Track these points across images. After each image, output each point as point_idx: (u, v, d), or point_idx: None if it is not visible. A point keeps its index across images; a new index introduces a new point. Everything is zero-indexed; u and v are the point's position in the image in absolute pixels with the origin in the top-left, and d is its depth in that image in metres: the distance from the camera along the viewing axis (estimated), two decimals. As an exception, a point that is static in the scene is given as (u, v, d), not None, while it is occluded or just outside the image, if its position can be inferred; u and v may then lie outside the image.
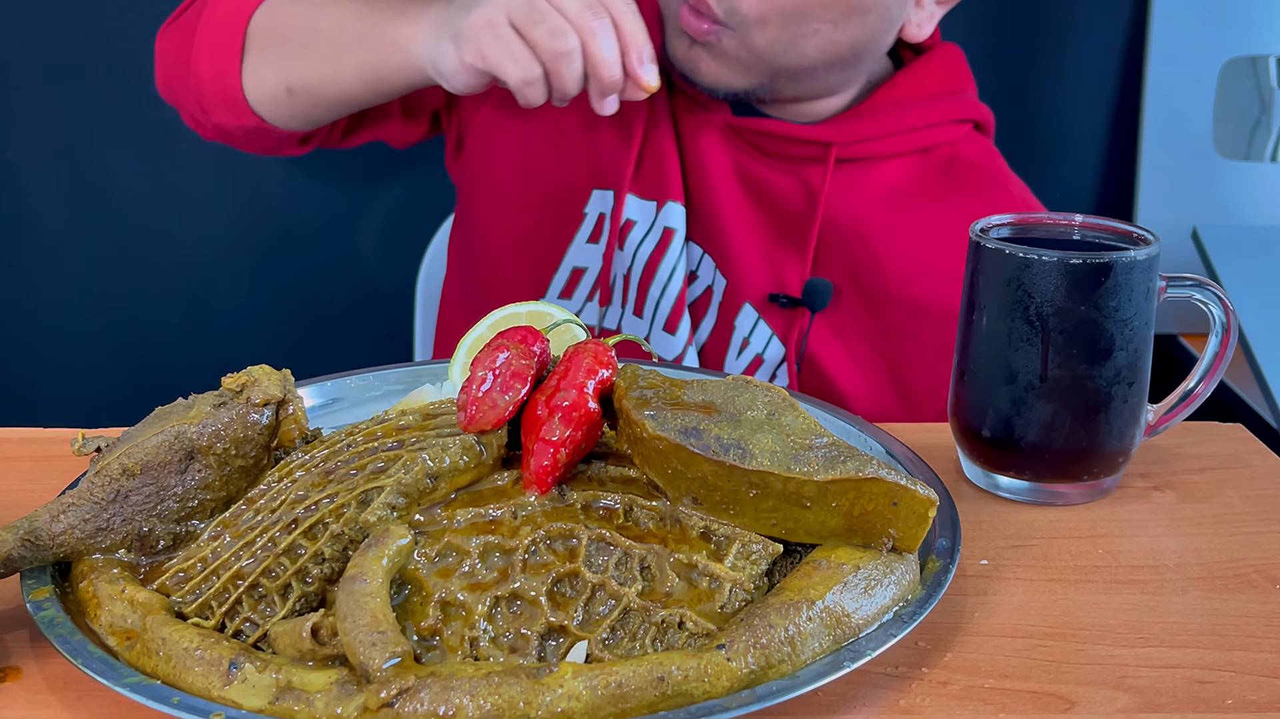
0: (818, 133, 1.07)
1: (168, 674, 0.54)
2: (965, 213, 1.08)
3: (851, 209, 1.08)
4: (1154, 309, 0.73)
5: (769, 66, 1.02)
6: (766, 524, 0.58)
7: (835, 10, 0.98)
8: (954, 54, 1.13)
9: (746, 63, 1.02)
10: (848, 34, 1.01)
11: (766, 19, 0.98)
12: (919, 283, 1.07)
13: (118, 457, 0.61)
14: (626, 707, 0.51)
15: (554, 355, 0.65)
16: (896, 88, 1.09)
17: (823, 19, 0.99)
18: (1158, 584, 0.66)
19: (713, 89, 1.05)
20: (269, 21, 1.07)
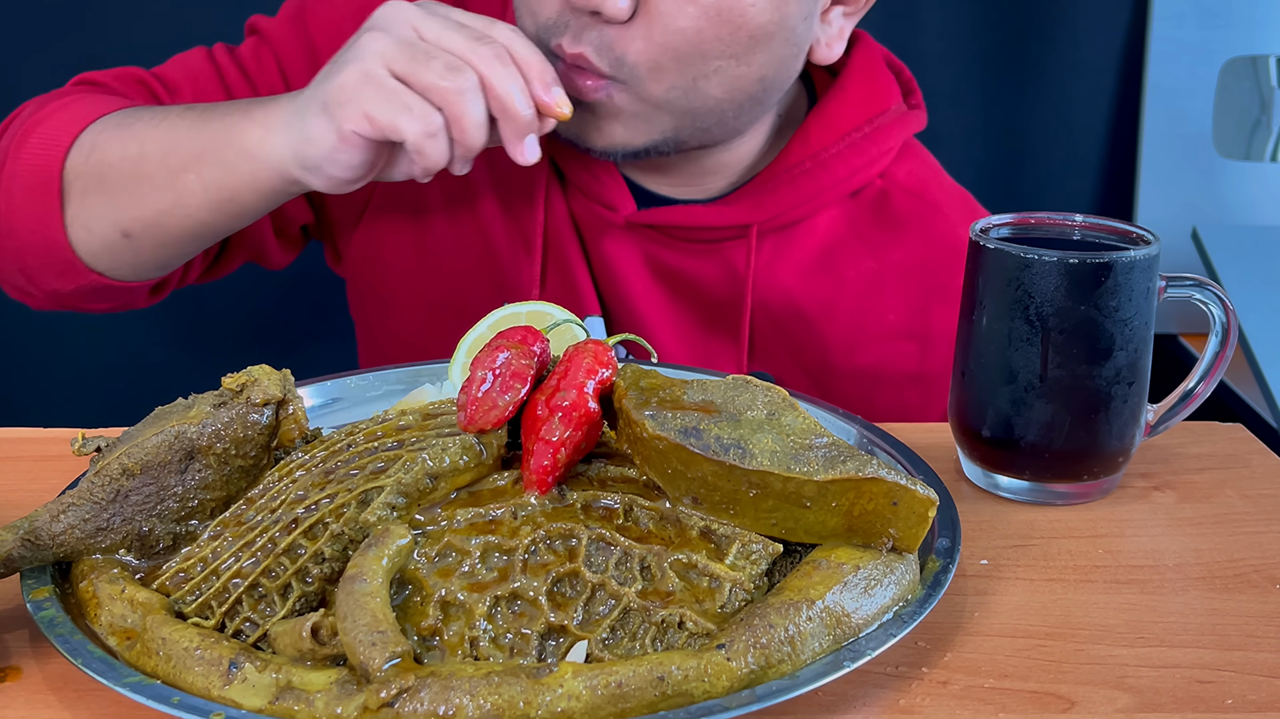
0: (734, 215, 0.97)
1: (168, 674, 0.54)
2: (905, 258, 1.02)
3: (781, 284, 1.00)
4: (1154, 309, 0.73)
5: (670, 116, 0.90)
6: (766, 524, 0.58)
7: (735, 43, 0.87)
8: (868, 61, 1.02)
9: (644, 116, 0.90)
10: (752, 67, 0.89)
11: (660, 65, 0.86)
12: (865, 350, 1.01)
13: (118, 456, 0.61)
14: (626, 706, 0.51)
15: (554, 355, 0.65)
16: (811, 138, 0.99)
17: (723, 55, 0.87)
18: (1158, 584, 0.66)
19: (609, 152, 0.92)
20: (88, 158, 0.90)
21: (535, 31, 0.89)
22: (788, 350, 1.02)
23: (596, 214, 0.99)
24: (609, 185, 0.98)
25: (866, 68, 1.01)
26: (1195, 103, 1.73)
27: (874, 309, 1.02)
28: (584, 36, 0.86)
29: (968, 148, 1.73)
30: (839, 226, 1.01)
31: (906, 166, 1.04)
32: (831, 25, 0.96)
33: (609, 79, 0.87)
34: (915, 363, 1.03)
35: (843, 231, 1.02)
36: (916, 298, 1.02)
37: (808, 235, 1.01)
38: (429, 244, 1.04)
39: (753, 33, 0.87)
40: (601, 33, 0.86)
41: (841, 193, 1.00)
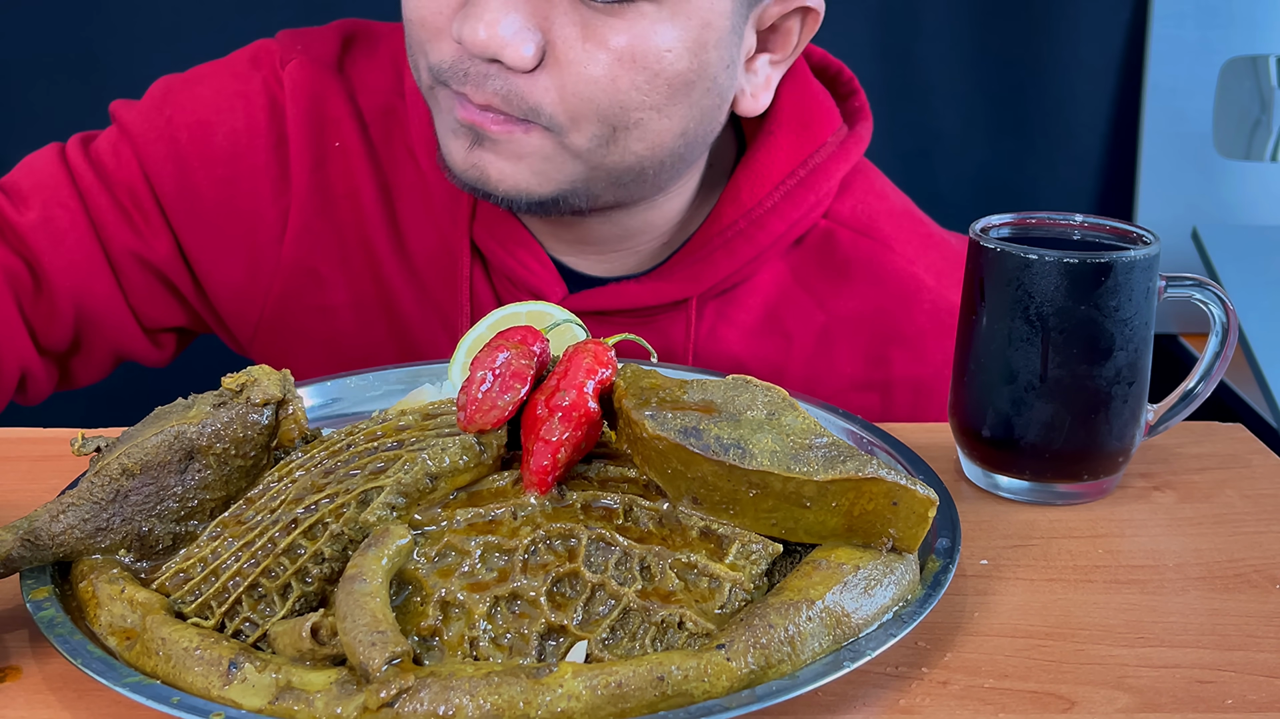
0: (669, 291, 0.92)
1: (167, 674, 0.53)
2: (856, 307, 0.97)
3: (726, 350, 0.95)
4: (1154, 309, 0.73)
5: (585, 167, 0.83)
6: (766, 524, 0.58)
7: (654, 92, 0.81)
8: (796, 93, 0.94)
9: (556, 162, 0.83)
10: (673, 120, 0.83)
11: (579, 115, 0.80)
12: None
13: (117, 456, 0.61)
14: (626, 706, 0.51)
15: (554, 355, 0.65)
16: (742, 194, 0.92)
17: (642, 105, 0.81)
18: (1158, 584, 0.66)
19: (511, 198, 0.84)
20: None
21: (430, 71, 0.83)
22: None
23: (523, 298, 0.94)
24: (536, 271, 0.93)
25: (795, 102, 0.94)
26: (1195, 103, 1.73)
27: (827, 363, 0.97)
28: (487, 85, 0.80)
29: (968, 148, 1.73)
30: (783, 280, 0.96)
31: (850, 201, 0.97)
32: (758, 74, 0.89)
33: (524, 121, 0.81)
34: (877, 413, 0.98)
35: (787, 285, 0.96)
36: (871, 347, 0.98)
37: (750, 295, 0.96)
38: (342, 350, 0.99)
39: (670, 80, 0.81)
40: (507, 81, 0.80)
41: (781, 247, 0.95)
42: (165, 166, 0.96)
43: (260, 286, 0.98)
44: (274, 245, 0.97)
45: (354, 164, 0.96)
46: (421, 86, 0.87)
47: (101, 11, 1.65)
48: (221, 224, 0.97)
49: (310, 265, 0.97)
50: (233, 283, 0.98)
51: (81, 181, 0.96)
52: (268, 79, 0.97)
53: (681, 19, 0.80)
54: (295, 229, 0.96)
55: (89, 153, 0.97)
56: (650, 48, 0.80)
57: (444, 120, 0.85)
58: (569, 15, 0.79)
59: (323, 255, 0.97)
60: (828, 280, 0.97)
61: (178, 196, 0.96)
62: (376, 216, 0.97)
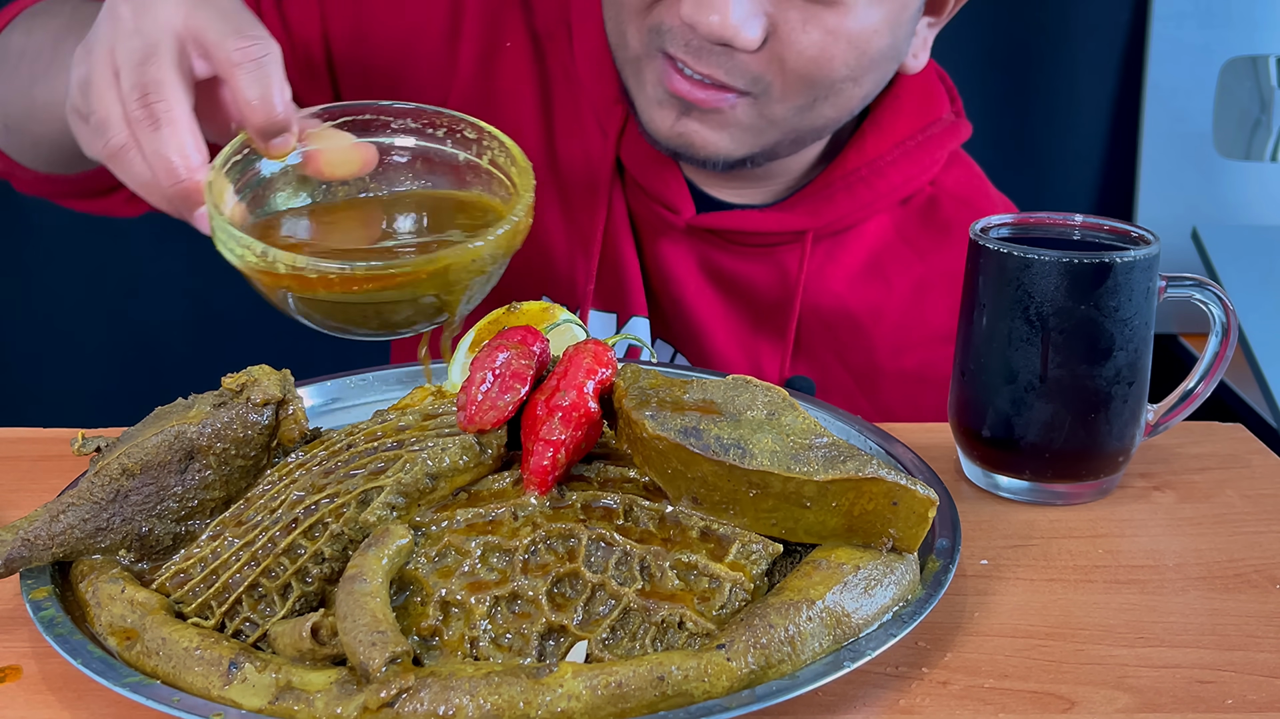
0: (791, 221, 0.99)
1: (167, 674, 0.53)
2: (953, 264, 1.01)
3: (832, 289, 1.02)
4: (1154, 309, 0.73)
5: (780, 132, 0.91)
6: (766, 524, 0.58)
7: (859, 67, 0.88)
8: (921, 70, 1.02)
9: (756, 129, 0.90)
10: (864, 86, 0.91)
11: (791, 89, 0.87)
12: (911, 353, 1.02)
13: (117, 456, 0.61)
14: (626, 706, 0.51)
15: (554, 355, 0.65)
16: (867, 145, 1.00)
17: (845, 79, 0.88)
18: (1158, 584, 0.66)
19: (709, 161, 0.92)
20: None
21: (642, 34, 0.88)
22: (833, 352, 1.03)
23: (657, 215, 1.00)
24: (673, 188, 0.99)
25: (919, 77, 1.01)
26: (1195, 103, 1.73)
27: (920, 313, 1.03)
28: (711, 59, 0.86)
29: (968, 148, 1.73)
30: (888, 233, 1.03)
31: (955, 174, 1.05)
32: (918, 36, 0.96)
33: (738, 92, 0.87)
34: None
35: (892, 238, 1.03)
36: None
37: (858, 241, 1.02)
38: None
39: (873, 56, 0.88)
40: (732, 58, 0.85)
41: (893, 200, 1.02)
42: (346, 38, 1.01)
43: None
44: None
45: (520, 68, 1.02)
46: (625, 55, 0.92)
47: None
48: (385, 93, 0.99)
49: None
50: None
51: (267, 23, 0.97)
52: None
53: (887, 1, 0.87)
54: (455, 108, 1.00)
55: (281, 6, 1.02)
56: (861, 29, 0.86)
57: (650, 91, 0.90)
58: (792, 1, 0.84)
59: None
60: (928, 237, 1.03)
61: (349, 67, 1.02)
62: (532, 118, 1.02)
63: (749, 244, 1.00)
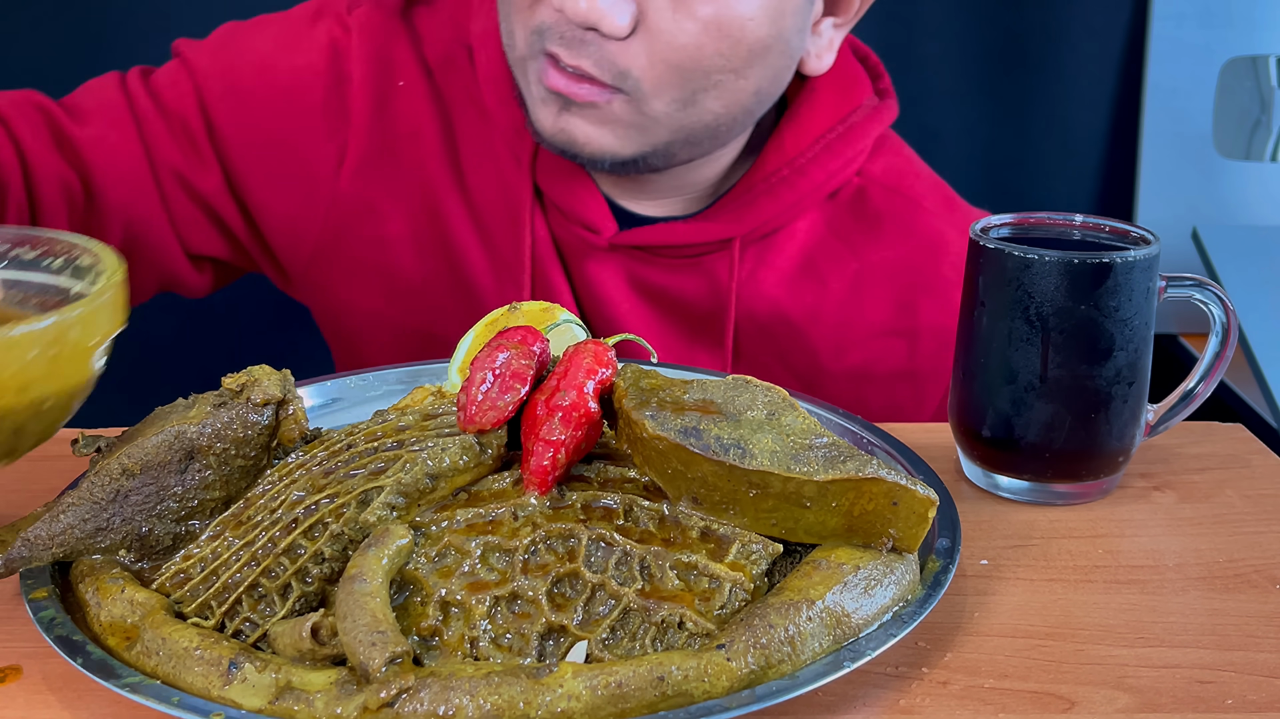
0: (715, 230, 0.97)
1: (167, 674, 0.53)
2: (887, 255, 1.02)
3: (766, 293, 1.00)
4: (1154, 309, 0.73)
5: (665, 130, 0.90)
6: (766, 524, 0.58)
7: (734, 57, 0.87)
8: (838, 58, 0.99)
9: (639, 127, 0.89)
10: (749, 80, 0.89)
11: (662, 80, 0.86)
12: (853, 350, 1.01)
13: (117, 456, 0.61)
14: (626, 706, 0.51)
15: (554, 355, 0.65)
16: (786, 143, 0.98)
17: (722, 69, 0.87)
18: (1158, 584, 0.66)
19: (595, 159, 0.91)
20: None
21: (524, 37, 0.89)
22: (774, 355, 1.02)
23: (579, 236, 0.99)
24: (591, 207, 0.98)
25: (836, 66, 0.99)
26: (1195, 103, 1.73)
27: (859, 309, 1.01)
28: (582, 50, 0.86)
29: (968, 148, 1.73)
30: (819, 230, 1.01)
31: (882, 162, 1.03)
32: (822, 36, 0.95)
33: (610, 88, 0.87)
34: (904, 359, 1.03)
35: (823, 235, 1.01)
36: (901, 294, 1.02)
37: (788, 241, 1.01)
38: (398, 282, 1.02)
39: (751, 46, 0.87)
40: (601, 47, 0.86)
41: (820, 196, 1.00)
42: (223, 101, 1.00)
43: (315, 216, 1.02)
44: (330, 178, 1.01)
45: (418, 105, 1.01)
46: (514, 55, 0.92)
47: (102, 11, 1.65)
48: (276, 157, 1.01)
49: (368, 198, 1.01)
50: (286, 214, 1.01)
51: (138, 106, 0.99)
52: (332, 25, 1.01)
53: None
54: (353, 162, 1.00)
55: (148, 82, 1.01)
56: (735, 16, 0.85)
57: (534, 89, 0.91)
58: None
59: (381, 189, 1.01)
60: (860, 231, 1.02)
61: (233, 131, 1.00)
62: (438, 155, 1.01)
63: (676, 256, 0.99)
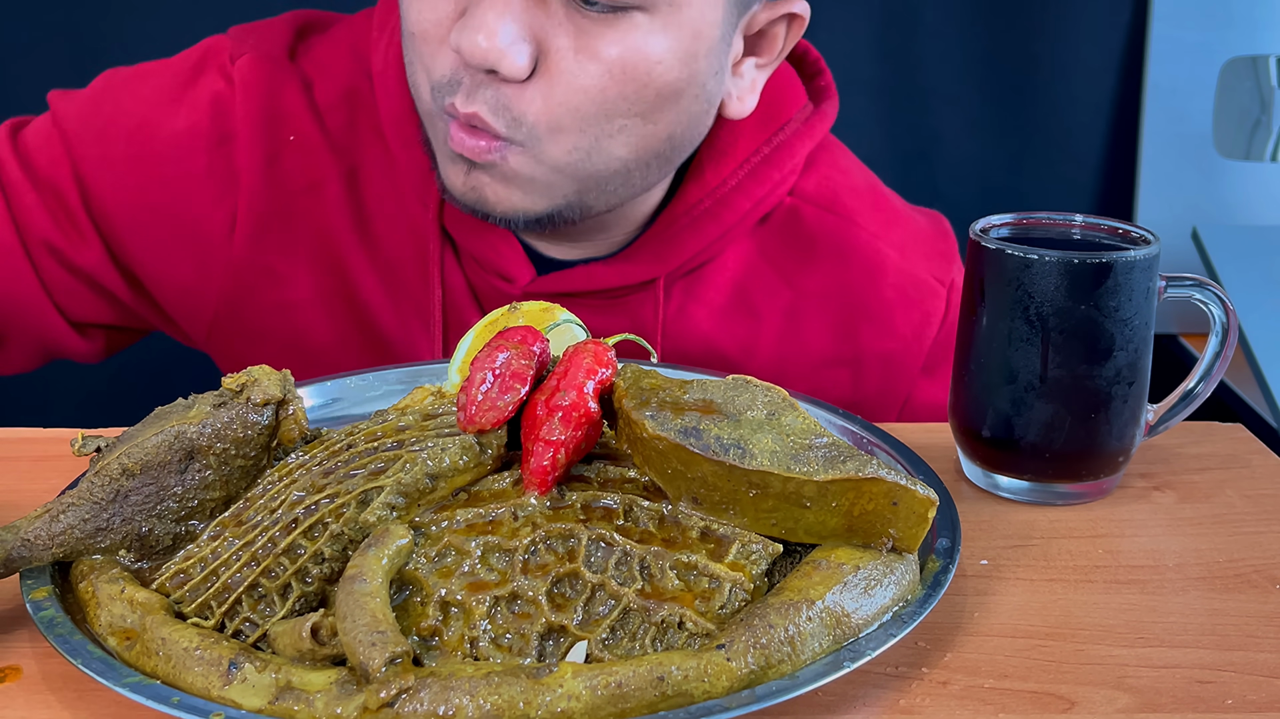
0: (636, 272, 0.92)
1: (167, 674, 0.54)
2: (823, 283, 0.97)
3: (695, 330, 0.95)
4: (1154, 309, 0.73)
5: (571, 180, 0.84)
6: (766, 524, 0.58)
7: (641, 101, 0.81)
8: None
9: (543, 181, 0.83)
10: (660, 125, 0.83)
11: (560, 125, 0.80)
12: (792, 384, 0.94)
13: (117, 456, 0.61)
14: (626, 706, 0.51)
15: (554, 355, 0.65)
16: (706, 173, 0.92)
17: (628, 113, 0.81)
18: (1157, 584, 0.66)
19: (509, 218, 0.85)
20: None
21: (430, 93, 0.84)
22: None
23: (492, 285, 0.94)
24: (505, 254, 0.92)
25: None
26: (1195, 103, 1.73)
27: (797, 341, 0.97)
28: (478, 95, 0.80)
29: (968, 148, 1.73)
30: (750, 258, 0.96)
31: (815, 177, 0.97)
32: (744, 78, 0.89)
33: (505, 140, 0.81)
34: (848, 389, 0.99)
35: (754, 263, 0.97)
36: (840, 322, 0.98)
37: (718, 274, 0.96)
38: (305, 344, 0.97)
39: (660, 90, 0.81)
40: (498, 91, 0.80)
41: (748, 225, 0.95)
42: (99, 169, 0.93)
43: (211, 285, 0.96)
44: (223, 244, 0.95)
45: (313, 156, 0.95)
46: (421, 108, 0.87)
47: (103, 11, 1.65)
48: (162, 226, 0.94)
49: (265, 262, 0.95)
50: (180, 283, 0.96)
51: (6, 173, 0.93)
52: (214, 78, 0.95)
53: (673, 29, 0.80)
54: (246, 227, 0.94)
55: (17, 143, 0.95)
56: (641, 59, 0.80)
57: (442, 147, 0.85)
58: (563, 25, 0.79)
59: (279, 251, 0.95)
60: (794, 258, 0.97)
61: (112, 200, 0.94)
62: (340, 207, 0.95)
63: (598, 298, 0.94)
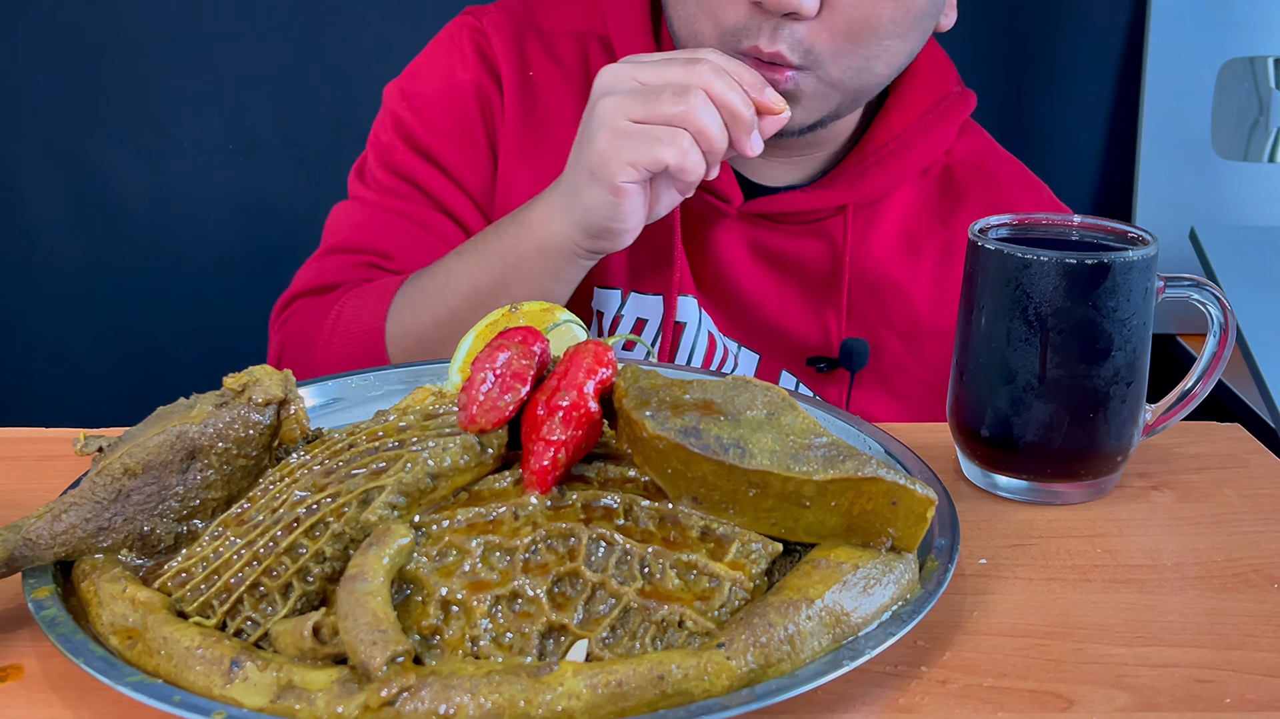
0: (833, 197, 1.06)
1: (169, 673, 0.54)
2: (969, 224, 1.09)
3: (873, 255, 1.08)
4: (1152, 309, 0.73)
5: (840, 94, 0.97)
6: (766, 523, 0.58)
7: (903, 23, 0.95)
8: (930, 46, 1.08)
9: (821, 97, 0.97)
10: (909, 42, 0.97)
11: (841, 49, 0.94)
12: (946, 310, 1.07)
13: (119, 456, 0.61)
14: (626, 705, 0.51)
15: (554, 355, 0.65)
16: (893, 121, 1.07)
17: (892, 34, 0.95)
18: (1156, 583, 0.67)
19: (785, 131, 0.96)
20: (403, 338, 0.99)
21: (718, 38, 0.94)
22: (878, 314, 1.09)
23: (708, 204, 1.05)
24: (723, 178, 1.04)
25: (930, 53, 1.08)
26: (1194, 103, 1.73)
27: (948, 274, 1.10)
28: (778, 35, 0.92)
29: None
30: (914, 205, 1.10)
31: (966, 144, 1.13)
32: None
33: (798, 69, 0.93)
34: None
35: (917, 209, 1.11)
36: None
37: (889, 211, 1.09)
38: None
39: (916, 11, 0.94)
40: (793, 30, 0.92)
41: (915, 171, 1.09)
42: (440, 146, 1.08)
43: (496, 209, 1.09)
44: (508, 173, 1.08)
45: (557, 90, 1.08)
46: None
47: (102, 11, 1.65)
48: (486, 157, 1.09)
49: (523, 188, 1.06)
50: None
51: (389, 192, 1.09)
52: (474, 36, 1.10)
53: None
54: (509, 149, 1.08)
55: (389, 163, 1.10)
56: None
57: None
58: None
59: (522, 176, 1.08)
60: (947, 204, 1.11)
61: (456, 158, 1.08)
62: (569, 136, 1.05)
63: (796, 222, 1.07)
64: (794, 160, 1.08)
